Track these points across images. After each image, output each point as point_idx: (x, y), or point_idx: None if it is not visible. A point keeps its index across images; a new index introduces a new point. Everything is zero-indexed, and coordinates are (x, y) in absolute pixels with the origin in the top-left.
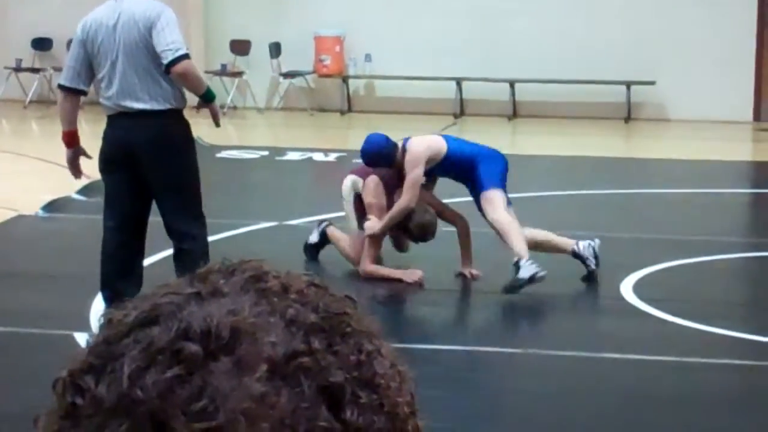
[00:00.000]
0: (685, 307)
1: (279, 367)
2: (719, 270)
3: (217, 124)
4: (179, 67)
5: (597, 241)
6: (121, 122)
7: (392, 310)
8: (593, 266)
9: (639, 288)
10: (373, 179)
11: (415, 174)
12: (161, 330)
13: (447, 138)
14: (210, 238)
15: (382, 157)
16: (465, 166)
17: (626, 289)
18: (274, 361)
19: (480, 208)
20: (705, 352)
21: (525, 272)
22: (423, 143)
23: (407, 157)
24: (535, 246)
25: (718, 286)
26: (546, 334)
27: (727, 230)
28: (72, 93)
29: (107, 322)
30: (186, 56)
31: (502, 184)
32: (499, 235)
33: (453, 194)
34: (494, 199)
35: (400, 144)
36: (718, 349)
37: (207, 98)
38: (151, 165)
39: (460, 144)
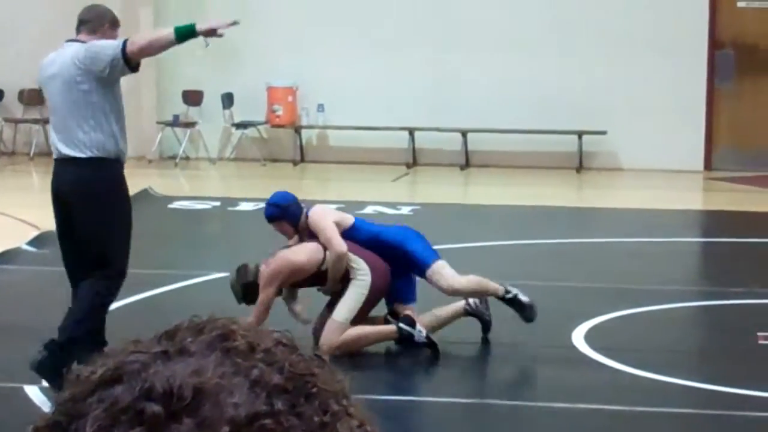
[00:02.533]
0: (637, 356)
1: (241, 429)
2: (670, 319)
3: (232, 23)
4: (130, 49)
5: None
6: (55, 167)
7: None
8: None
9: (590, 337)
10: (314, 211)
11: (327, 226)
12: (124, 389)
13: (356, 219)
14: (162, 289)
15: (287, 214)
16: (388, 248)
17: (578, 338)
18: (236, 422)
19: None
20: (656, 402)
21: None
22: (325, 208)
23: (312, 217)
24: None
25: (669, 335)
26: (498, 383)
27: (678, 279)
28: None
29: (74, 379)
30: (125, 42)
31: (437, 254)
32: (472, 296)
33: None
34: (443, 271)
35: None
36: (669, 399)
37: (184, 36)
38: (73, 212)
39: (369, 225)
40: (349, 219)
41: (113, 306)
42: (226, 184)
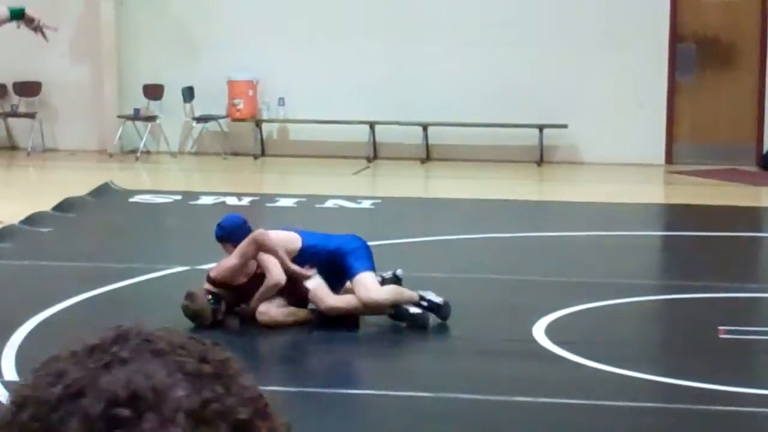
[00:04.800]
0: (597, 350)
1: (196, 415)
2: (631, 313)
3: (53, 28)
4: None
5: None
6: None
7: (290, 354)
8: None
9: (551, 331)
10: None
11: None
12: (91, 401)
13: (303, 234)
14: (123, 283)
15: (233, 237)
16: (329, 261)
17: (538, 332)
18: (191, 411)
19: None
20: (616, 395)
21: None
22: (267, 232)
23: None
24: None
25: (630, 329)
26: (458, 377)
27: (639, 273)
28: None
29: (21, 403)
30: None
31: (371, 266)
32: (390, 306)
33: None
34: (366, 282)
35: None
36: (629, 392)
37: (16, 16)
38: None
39: (318, 239)
40: (296, 242)
41: (75, 299)
42: (187, 178)
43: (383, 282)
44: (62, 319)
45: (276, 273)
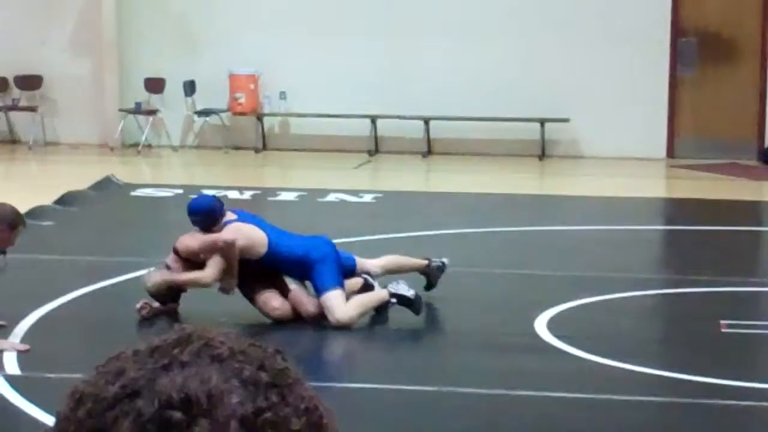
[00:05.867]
0: (599, 344)
1: (248, 423)
2: (633, 307)
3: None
4: None
5: (446, 260)
6: None
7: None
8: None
9: (553, 325)
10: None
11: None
12: (145, 402)
13: (272, 235)
14: (125, 277)
15: (208, 218)
16: (296, 268)
17: (540, 325)
18: (244, 418)
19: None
20: (619, 389)
21: (408, 292)
22: (241, 231)
23: (225, 235)
24: (391, 271)
25: (632, 323)
26: (461, 371)
27: (641, 267)
28: None
29: (79, 399)
30: None
31: (338, 280)
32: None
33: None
34: (331, 305)
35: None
36: (632, 386)
37: None
38: None
39: (285, 245)
40: (261, 247)
41: (77, 293)
42: (189, 172)
43: (428, 268)
44: (64, 313)
45: (211, 275)
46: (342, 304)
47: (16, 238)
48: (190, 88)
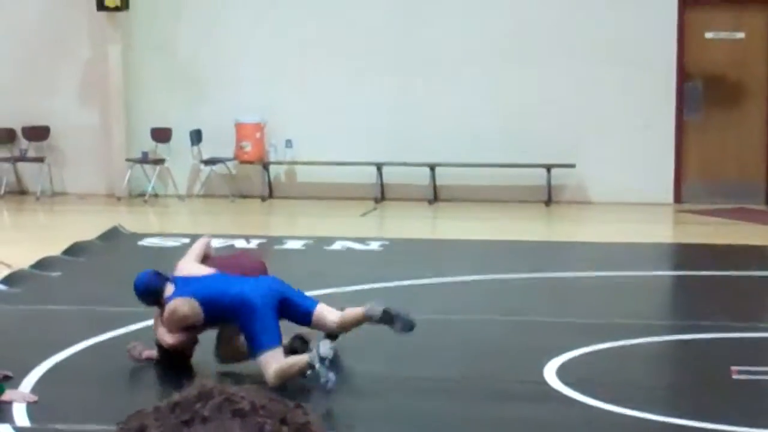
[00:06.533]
0: (609, 391)
1: None
2: (642, 353)
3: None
4: None
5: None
6: None
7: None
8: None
9: (562, 372)
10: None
11: (169, 338)
12: None
13: (205, 299)
14: (133, 327)
15: (149, 296)
16: (233, 319)
17: (549, 373)
18: None
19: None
20: None
21: (324, 352)
22: (174, 311)
23: (165, 314)
24: (343, 327)
25: (642, 370)
26: (469, 419)
27: (650, 313)
28: None
29: None
30: None
31: (276, 340)
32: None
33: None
34: (267, 363)
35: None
36: None
37: None
38: None
39: (216, 300)
40: (196, 315)
41: (86, 344)
42: (196, 221)
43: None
44: (73, 364)
45: (168, 343)
46: (273, 365)
47: None
48: (196, 137)
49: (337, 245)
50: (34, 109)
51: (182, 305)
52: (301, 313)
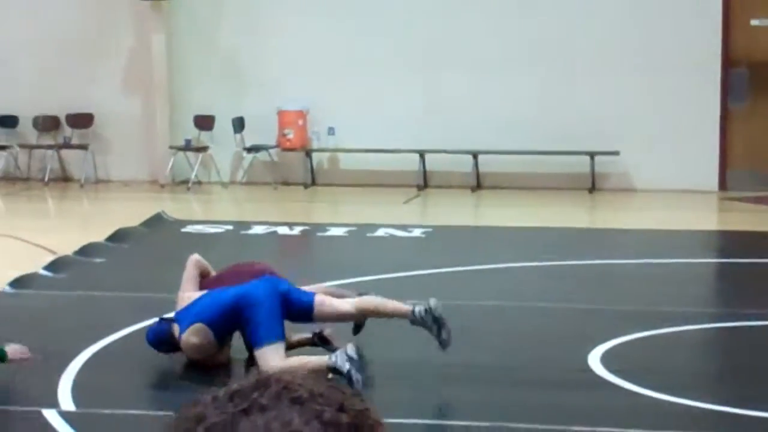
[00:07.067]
0: (654, 378)
1: None
2: (688, 341)
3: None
4: None
5: (432, 301)
6: None
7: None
8: (436, 333)
9: (606, 360)
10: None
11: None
12: None
13: (208, 319)
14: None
15: (161, 345)
16: (236, 321)
17: (594, 360)
18: None
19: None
20: (675, 424)
21: (349, 355)
22: (192, 338)
23: (186, 352)
24: (369, 314)
25: (688, 357)
26: (514, 406)
27: (694, 301)
28: None
29: None
30: None
31: (275, 333)
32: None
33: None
34: (267, 358)
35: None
36: (690, 422)
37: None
38: None
39: (217, 314)
40: (207, 340)
41: (129, 330)
42: (239, 208)
43: (413, 316)
44: (116, 350)
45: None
46: (273, 362)
47: None
48: (239, 124)
49: (380, 232)
50: (78, 97)
51: (190, 336)
52: (303, 309)
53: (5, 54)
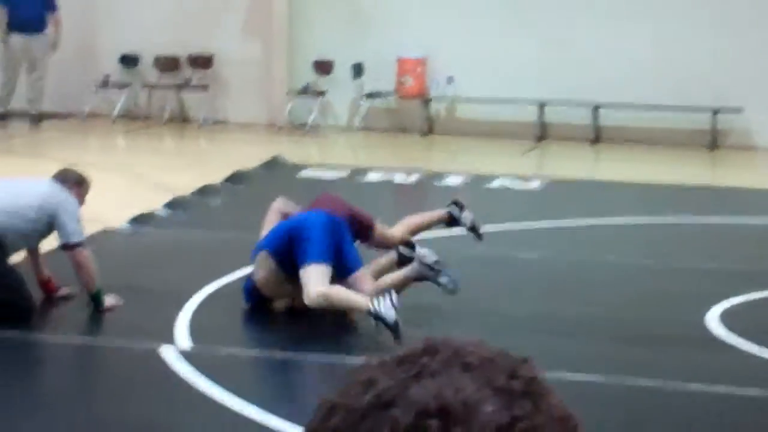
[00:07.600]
0: None
1: None
2: None
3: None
4: (72, 253)
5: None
6: None
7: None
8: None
9: (724, 319)
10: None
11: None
12: (402, 411)
13: (270, 246)
14: None
15: (251, 295)
16: (289, 255)
17: (711, 320)
18: (499, 427)
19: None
20: None
21: (388, 315)
22: (260, 272)
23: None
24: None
25: None
26: (631, 362)
27: None
28: None
29: (330, 409)
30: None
31: (322, 256)
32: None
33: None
34: (310, 276)
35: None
36: None
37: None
38: None
39: (275, 242)
40: (271, 270)
41: (244, 271)
42: (355, 153)
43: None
44: (232, 290)
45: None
46: (315, 282)
47: (85, 195)
48: (357, 70)
49: (496, 183)
50: (199, 38)
51: (257, 271)
52: (346, 267)
53: None
